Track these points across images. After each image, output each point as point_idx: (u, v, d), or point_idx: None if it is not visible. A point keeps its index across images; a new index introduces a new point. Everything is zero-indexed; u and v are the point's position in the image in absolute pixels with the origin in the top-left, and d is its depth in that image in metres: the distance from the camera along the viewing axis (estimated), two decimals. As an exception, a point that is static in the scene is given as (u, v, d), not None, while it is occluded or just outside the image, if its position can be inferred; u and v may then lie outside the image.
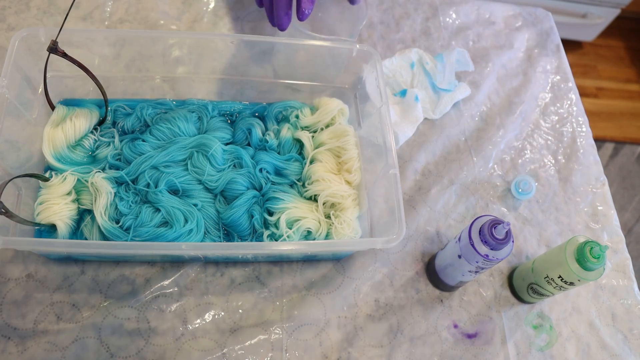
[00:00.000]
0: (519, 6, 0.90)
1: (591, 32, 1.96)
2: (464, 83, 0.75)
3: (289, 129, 0.62)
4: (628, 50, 2.20)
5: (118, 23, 0.71)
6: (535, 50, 0.85)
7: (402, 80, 0.73)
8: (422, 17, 0.83)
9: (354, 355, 0.55)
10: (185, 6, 0.75)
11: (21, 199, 0.51)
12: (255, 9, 0.77)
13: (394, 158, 0.52)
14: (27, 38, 0.52)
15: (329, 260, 0.60)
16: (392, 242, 0.48)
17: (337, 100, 0.64)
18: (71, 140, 0.56)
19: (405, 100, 0.71)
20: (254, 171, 0.57)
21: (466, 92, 0.75)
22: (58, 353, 0.50)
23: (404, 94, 0.71)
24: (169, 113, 0.60)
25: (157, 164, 0.56)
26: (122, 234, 0.51)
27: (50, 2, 0.71)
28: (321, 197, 0.57)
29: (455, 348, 0.58)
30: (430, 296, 0.60)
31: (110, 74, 0.63)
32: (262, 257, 0.57)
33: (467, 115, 0.75)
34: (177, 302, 0.54)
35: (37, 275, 0.53)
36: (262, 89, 0.65)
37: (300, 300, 0.57)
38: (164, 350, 0.52)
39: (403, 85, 0.73)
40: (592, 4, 1.81)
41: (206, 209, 0.55)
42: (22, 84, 0.53)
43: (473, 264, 0.51)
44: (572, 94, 0.82)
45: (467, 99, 0.76)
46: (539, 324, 0.61)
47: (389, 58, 0.74)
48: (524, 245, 0.66)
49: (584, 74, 2.08)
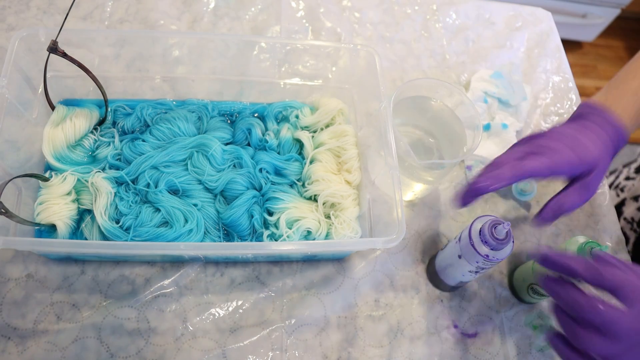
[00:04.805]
0: (519, 6, 0.90)
1: (591, 32, 1.96)
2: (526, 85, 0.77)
3: (288, 129, 0.62)
4: (628, 50, 2.20)
5: (118, 23, 0.71)
6: (535, 50, 0.85)
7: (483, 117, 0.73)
8: (422, 17, 0.83)
9: (354, 355, 0.55)
10: (185, 6, 0.75)
11: (21, 199, 0.51)
12: (255, 9, 0.77)
13: (394, 158, 0.52)
14: (27, 38, 0.52)
15: (329, 260, 0.60)
16: (392, 242, 0.48)
17: (337, 100, 0.64)
18: (71, 140, 0.56)
19: (493, 132, 0.71)
20: (254, 171, 0.57)
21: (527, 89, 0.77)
22: (58, 353, 0.50)
23: (488, 128, 0.71)
24: (169, 113, 0.60)
25: (157, 164, 0.56)
26: (122, 234, 0.51)
27: (50, 2, 0.71)
28: (321, 197, 0.57)
29: (455, 348, 0.58)
30: (430, 296, 0.60)
31: (110, 74, 0.63)
32: (262, 257, 0.57)
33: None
34: (177, 302, 0.54)
35: (37, 275, 0.53)
36: (262, 89, 0.65)
37: (300, 300, 0.57)
38: (164, 350, 0.52)
39: (484, 120, 0.72)
40: (592, 4, 1.81)
41: (206, 209, 0.55)
42: (22, 84, 0.53)
43: (473, 264, 0.51)
44: (572, 94, 0.82)
45: (467, 99, 0.76)
46: (539, 324, 0.61)
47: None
48: (524, 246, 0.66)
49: (584, 74, 2.08)
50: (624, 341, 0.36)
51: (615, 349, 0.36)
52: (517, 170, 0.48)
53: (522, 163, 0.48)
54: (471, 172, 0.69)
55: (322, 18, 0.79)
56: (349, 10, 0.81)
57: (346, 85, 0.66)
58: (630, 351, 0.36)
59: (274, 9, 0.78)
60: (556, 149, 0.49)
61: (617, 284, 0.37)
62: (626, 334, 0.36)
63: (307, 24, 0.78)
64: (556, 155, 0.49)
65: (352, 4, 0.82)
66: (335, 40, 0.78)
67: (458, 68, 0.79)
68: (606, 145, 0.50)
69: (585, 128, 0.51)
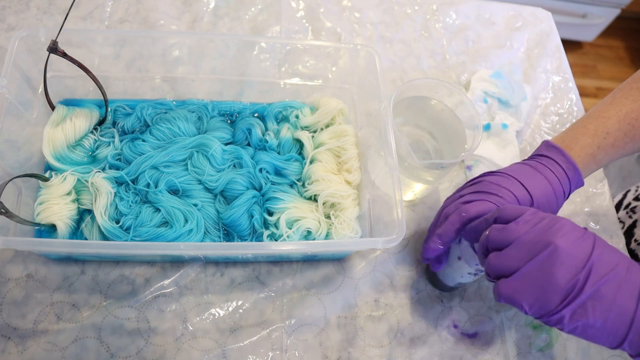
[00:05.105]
0: (519, 6, 0.90)
1: (591, 32, 1.96)
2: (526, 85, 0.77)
3: (288, 129, 0.62)
4: (628, 50, 2.20)
5: (118, 23, 0.71)
6: (535, 50, 0.85)
7: (483, 116, 0.73)
8: (422, 17, 0.83)
9: (354, 355, 0.55)
10: (185, 6, 0.75)
11: (21, 199, 0.51)
12: (255, 9, 0.77)
13: (394, 158, 0.52)
14: (27, 38, 0.52)
15: (329, 260, 0.60)
16: (392, 242, 0.48)
17: (337, 100, 0.64)
18: (71, 140, 0.56)
19: (493, 132, 0.71)
20: (254, 171, 0.57)
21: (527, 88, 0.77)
22: (58, 353, 0.50)
23: (488, 128, 0.71)
24: (169, 113, 0.60)
25: (157, 164, 0.56)
26: (122, 234, 0.51)
27: (50, 2, 0.71)
28: (321, 197, 0.57)
29: (455, 348, 0.58)
30: (430, 296, 0.60)
31: (110, 74, 0.63)
32: (262, 257, 0.57)
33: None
34: (177, 302, 0.54)
35: (37, 275, 0.53)
36: (262, 89, 0.65)
37: (300, 300, 0.57)
38: (164, 350, 0.52)
39: (484, 120, 0.72)
40: (592, 4, 1.81)
41: (206, 209, 0.55)
42: (22, 84, 0.53)
43: (472, 267, 0.51)
44: (572, 94, 0.82)
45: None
46: (539, 324, 0.61)
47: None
48: (524, 245, 0.66)
49: (584, 74, 2.08)
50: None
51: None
52: (462, 215, 0.49)
53: (466, 206, 0.49)
54: (471, 172, 0.69)
55: (322, 18, 0.79)
56: (349, 10, 0.81)
57: (346, 85, 0.66)
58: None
59: (274, 9, 0.78)
60: (504, 187, 0.49)
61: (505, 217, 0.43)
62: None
63: (307, 24, 0.78)
64: (503, 194, 0.49)
65: (352, 4, 0.82)
66: (335, 40, 0.78)
67: (458, 68, 0.79)
68: (563, 181, 0.51)
69: (540, 166, 0.51)
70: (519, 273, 0.40)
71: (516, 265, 0.40)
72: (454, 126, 0.62)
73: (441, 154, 0.62)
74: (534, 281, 0.39)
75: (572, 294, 0.38)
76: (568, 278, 0.38)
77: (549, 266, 0.38)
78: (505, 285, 0.40)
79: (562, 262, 0.38)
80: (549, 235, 0.39)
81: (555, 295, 0.38)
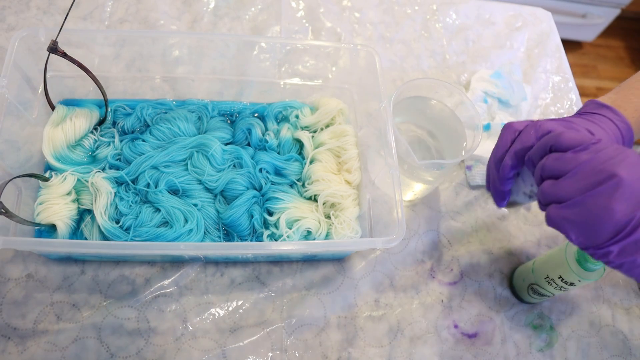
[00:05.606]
0: (519, 6, 0.90)
1: (591, 32, 1.96)
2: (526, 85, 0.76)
3: (288, 129, 0.62)
4: (628, 50, 2.20)
5: (118, 23, 0.71)
6: (535, 50, 0.85)
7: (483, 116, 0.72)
8: (422, 17, 0.83)
9: (354, 355, 0.55)
10: (185, 6, 0.75)
11: (21, 199, 0.51)
12: (255, 9, 0.77)
13: (394, 158, 0.52)
14: (27, 38, 0.52)
15: (329, 260, 0.60)
16: (392, 242, 0.48)
17: (337, 100, 0.64)
18: (71, 140, 0.56)
19: (493, 132, 0.71)
20: (254, 171, 0.57)
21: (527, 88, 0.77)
22: (58, 353, 0.50)
23: (488, 128, 0.71)
24: (169, 113, 0.60)
25: (157, 164, 0.56)
26: (122, 234, 0.51)
27: (50, 2, 0.71)
28: (321, 197, 0.57)
29: (455, 348, 0.58)
30: (430, 296, 0.60)
31: (110, 74, 0.63)
32: (262, 257, 0.57)
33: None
34: (177, 302, 0.54)
35: (37, 275, 0.53)
36: (262, 89, 0.65)
37: (300, 300, 0.57)
38: (164, 350, 0.52)
39: (484, 120, 0.72)
40: (592, 4, 1.81)
41: (206, 209, 0.55)
42: (22, 84, 0.53)
43: (528, 187, 0.50)
44: (572, 94, 0.82)
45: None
46: (539, 324, 0.61)
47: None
48: (524, 245, 0.66)
49: (584, 74, 2.08)
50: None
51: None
52: (537, 131, 0.46)
53: (539, 123, 0.46)
54: (471, 172, 0.69)
55: (322, 18, 0.79)
56: (349, 10, 0.81)
57: (346, 85, 0.66)
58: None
59: (274, 9, 0.78)
60: (570, 121, 0.47)
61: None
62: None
63: (307, 24, 0.78)
64: (571, 125, 0.47)
65: (352, 4, 0.82)
66: (335, 40, 0.78)
67: (458, 68, 0.79)
68: (617, 138, 0.48)
69: (595, 120, 0.49)
70: (572, 201, 0.38)
71: (571, 194, 0.38)
72: (454, 126, 0.62)
73: (441, 154, 0.62)
74: (587, 211, 0.37)
75: (626, 231, 0.36)
76: (626, 213, 0.36)
77: (608, 198, 0.36)
78: (556, 211, 0.39)
79: (622, 196, 0.35)
80: (611, 165, 0.37)
81: (607, 229, 0.36)
